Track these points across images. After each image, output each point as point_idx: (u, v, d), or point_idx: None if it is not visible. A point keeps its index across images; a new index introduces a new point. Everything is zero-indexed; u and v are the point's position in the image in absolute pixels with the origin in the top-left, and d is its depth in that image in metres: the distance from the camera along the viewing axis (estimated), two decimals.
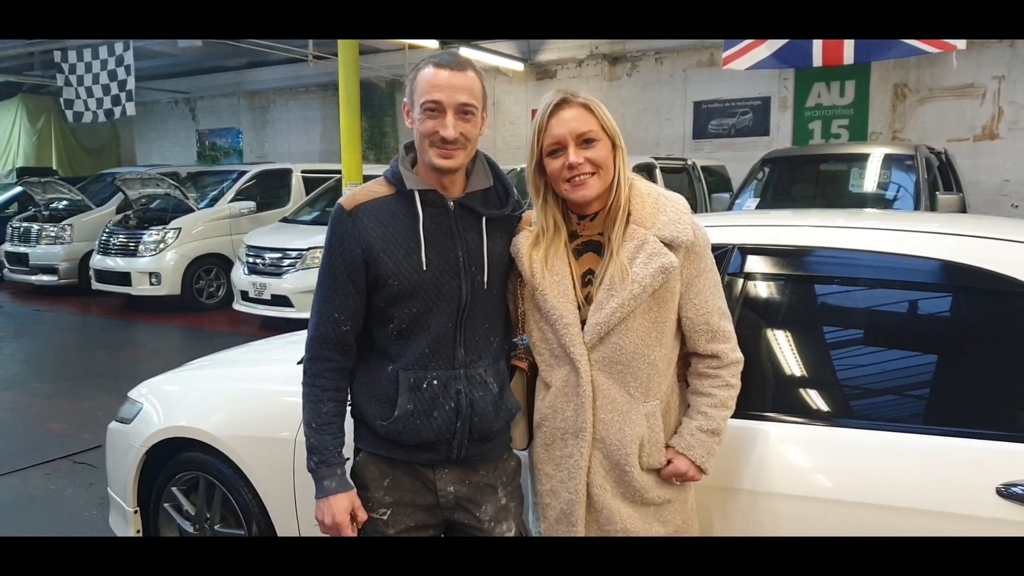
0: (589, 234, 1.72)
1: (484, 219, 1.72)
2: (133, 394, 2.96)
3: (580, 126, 1.64)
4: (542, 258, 1.69)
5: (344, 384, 1.73)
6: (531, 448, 1.79)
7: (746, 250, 1.99)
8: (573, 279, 1.69)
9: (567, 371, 1.68)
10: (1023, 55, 9.05)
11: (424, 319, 1.66)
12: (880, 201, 6.37)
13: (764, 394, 1.88)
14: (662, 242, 1.63)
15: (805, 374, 1.93)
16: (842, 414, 1.84)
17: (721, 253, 1.93)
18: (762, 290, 1.99)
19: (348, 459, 1.74)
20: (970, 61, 8.96)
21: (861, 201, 6.37)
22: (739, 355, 1.71)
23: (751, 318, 1.91)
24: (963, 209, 6.21)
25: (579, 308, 1.67)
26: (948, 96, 9.52)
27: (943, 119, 9.54)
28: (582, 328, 1.66)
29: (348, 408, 1.75)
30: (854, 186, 6.60)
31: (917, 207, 5.92)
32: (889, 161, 6.48)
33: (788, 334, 1.95)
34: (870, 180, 6.53)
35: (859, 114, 9.99)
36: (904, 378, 1.84)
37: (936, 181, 6.27)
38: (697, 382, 1.72)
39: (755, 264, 1.97)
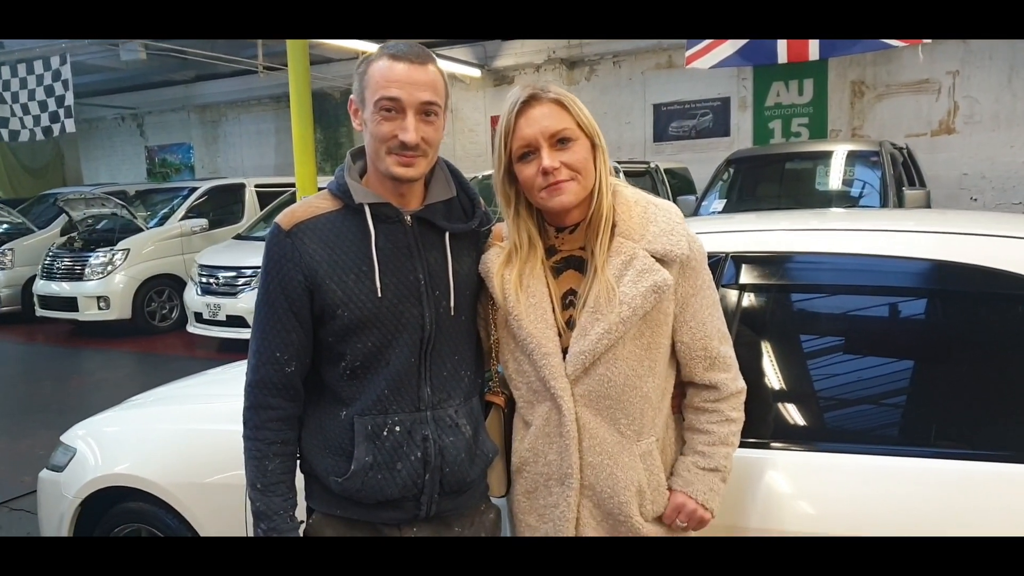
0: (569, 249, 1.50)
1: (447, 235, 1.49)
2: (66, 438, 2.70)
3: (553, 124, 1.42)
4: (516, 278, 1.47)
5: (292, 435, 1.49)
6: (510, 496, 1.57)
7: (741, 259, 1.79)
8: (552, 301, 1.47)
9: (548, 408, 1.46)
10: (975, 50, 9.14)
11: (382, 355, 1.43)
12: (846, 199, 6.32)
13: (768, 420, 1.69)
14: (653, 257, 1.41)
15: (815, 396, 1.74)
16: (859, 440, 1.65)
17: (713, 263, 1.74)
18: (761, 303, 1.79)
19: (302, 522, 1.51)
20: (924, 57, 9.01)
21: (827, 199, 6.31)
22: (741, 384, 1.50)
23: (748, 335, 1.72)
24: (929, 204, 6.18)
25: (559, 335, 1.45)
26: (904, 92, 9.58)
27: (900, 115, 9.59)
28: (564, 358, 1.44)
29: (298, 462, 1.52)
30: (820, 184, 6.54)
31: (884, 203, 5.87)
32: (854, 158, 6.44)
33: (793, 351, 1.76)
34: (836, 178, 6.48)
35: (818, 112, 10.00)
36: (929, 397, 1.66)
37: (901, 177, 6.24)
38: (693, 417, 1.51)
39: (752, 274, 1.78)
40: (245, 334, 7.20)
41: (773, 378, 1.75)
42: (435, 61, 1.44)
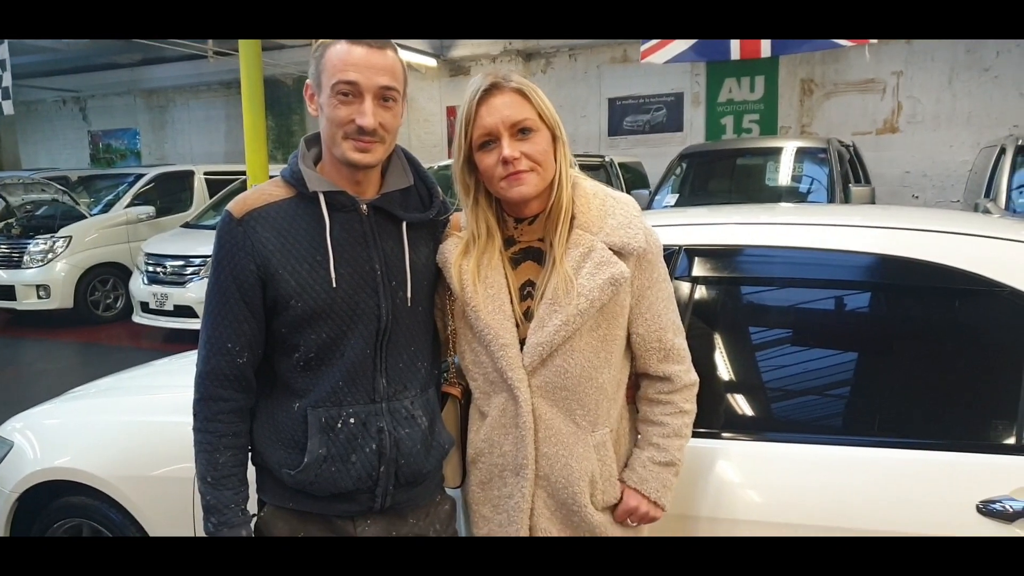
0: (528, 240, 1.50)
1: (404, 224, 1.48)
2: (2, 431, 2.60)
3: (514, 114, 1.41)
4: (473, 268, 1.46)
5: (243, 427, 1.46)
6: (465, 486, 1.57)
7: (694, 251, 1.82)
8: (510, 292, 1.47)
9: (504, 399, 1.46)
10: (919, 51, 9.42)
11: (336, 346, 1.41)
12: (795, 194, 6.46)
13: (719, 410, 1.72)
14: (611, 249, 1.42)
15: (764, 386, 1.78)
16: (807, 429, 1.69)
17: (666, 255, 1.76)
18: (714, 295, 1.82)
19: (254, 515, 1.48)
20: (871, 57, 9.26)
21: (777, 194, 6.45)
22: (694, 377, 1.52)
23: (700, 327, 1.75)
24: (873, 200, 6.37)
25: (517, 326, 1.45)
26: (851, 91, 9.83)
27: (847, 113, 9.85)
28: (521, 349, 1.44)
29: (250, 454, 1.49)
30: (770, 179, 6.68)
31: (831, 199, 6.02)
32: (803, 155, 6.59)
33: (745, 343, 1.80)
34: (785, 173, 6.62)
35: (769, 109, 10.19)
36: (875, 388, 1.70)
37: (848, 174, 6.40)
38: (647, 409, 1.53)
39: (705, 267, 1.80)
40: (193, 324, 7.06)
41: (724, 369, 1.78)
42: (394, 48, 1.42)
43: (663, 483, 1.49)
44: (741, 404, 1.78)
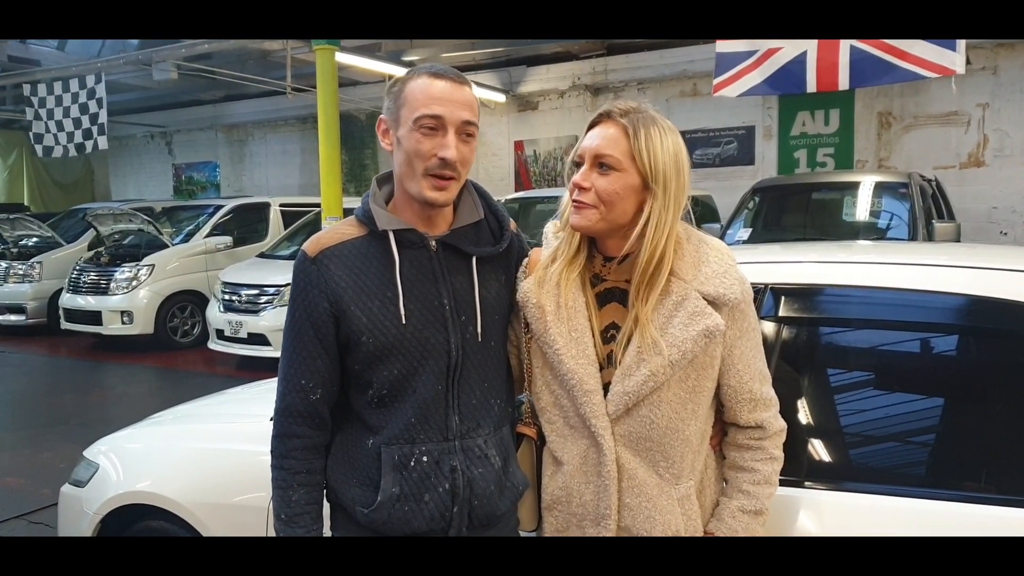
0: (615, 280, 1.45)
1: (474, 259, 1.46)
2: (89, 453, 2.70)
3: (602, 147, 1.38)
4: (555, 308, 1.42)
5: (318, 464, 1.46)
6: (540, 533, 1.52)
7: (781, 291, 1.74)
8: (593, 334, 1.42)
9: (586, 446, 1.41)
10: (1006, 83, 9.05)
11: (408, 382, 1.40)
12: (874, 230, 6.23)
13: (802, 458, 1.62)
14: (705, 299, 1.36)
15: (854, 433, 1.68)
16: (901, 481, 1.59)
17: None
18: (802, 337, 1.74)
19: None
20: (954, 89, 8.95)
21: (855, 230, 6.23)
22: (782, 423, 1.45)
23: (786, 371, 1.67)
24: (959, 238, 6.08)
25: (600, 369, 1.41)
26: (933, 124, 9.49)
27: (928, 147, 9.49)
28: (604, 395, 1.40)
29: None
30: (847, 215, 6.46)
31: (913, 236, 5.78)
32: (882, 189, 6.34)
33: (834, 388, 1.71)
34: (863, 209, 6.39)
35: (844, 142, 9.92)
36: (981, 440, 1.58)
37: (931, 209, 6.14)
38: (736, 455, 1.46)
39: (793, 307, 1.73)
40: (266, 352, 7.25)
41: (812, 415, 1.69)
42: (470, 84, 1.43)
43: (752, 535, 1.42)
44: (828, 452, 1.69)
